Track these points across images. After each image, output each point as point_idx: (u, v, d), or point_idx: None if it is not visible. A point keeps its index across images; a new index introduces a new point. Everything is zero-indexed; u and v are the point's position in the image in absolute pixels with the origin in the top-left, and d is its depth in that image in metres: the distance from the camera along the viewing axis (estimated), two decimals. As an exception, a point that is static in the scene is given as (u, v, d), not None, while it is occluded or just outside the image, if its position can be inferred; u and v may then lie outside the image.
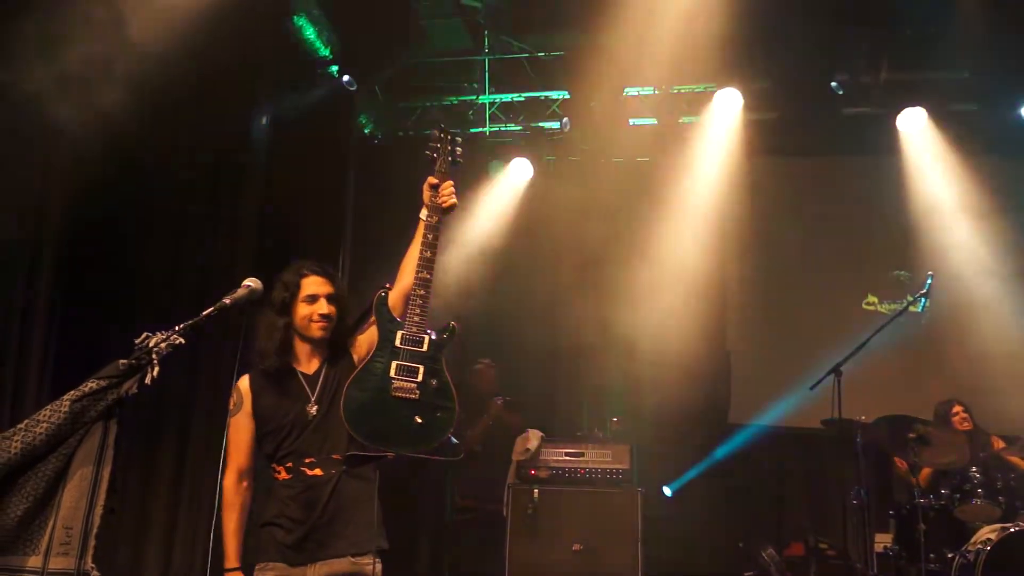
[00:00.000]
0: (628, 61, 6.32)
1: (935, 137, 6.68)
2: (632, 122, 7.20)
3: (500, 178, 7.41)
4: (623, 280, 7.14)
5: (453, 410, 2.70)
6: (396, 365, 2.68)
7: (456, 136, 2.98)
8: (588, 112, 6.92)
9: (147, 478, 5.18)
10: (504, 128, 7.41)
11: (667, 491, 6.64)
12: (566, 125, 7.01)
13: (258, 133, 6.07)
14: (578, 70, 6.56)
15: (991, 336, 6.29)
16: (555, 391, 7.24)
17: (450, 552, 6.19)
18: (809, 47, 6.17)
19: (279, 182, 5.99)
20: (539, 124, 7.33)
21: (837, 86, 6.36)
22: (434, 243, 2.81)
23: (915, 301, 5.03)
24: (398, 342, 2.71)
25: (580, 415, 7.14)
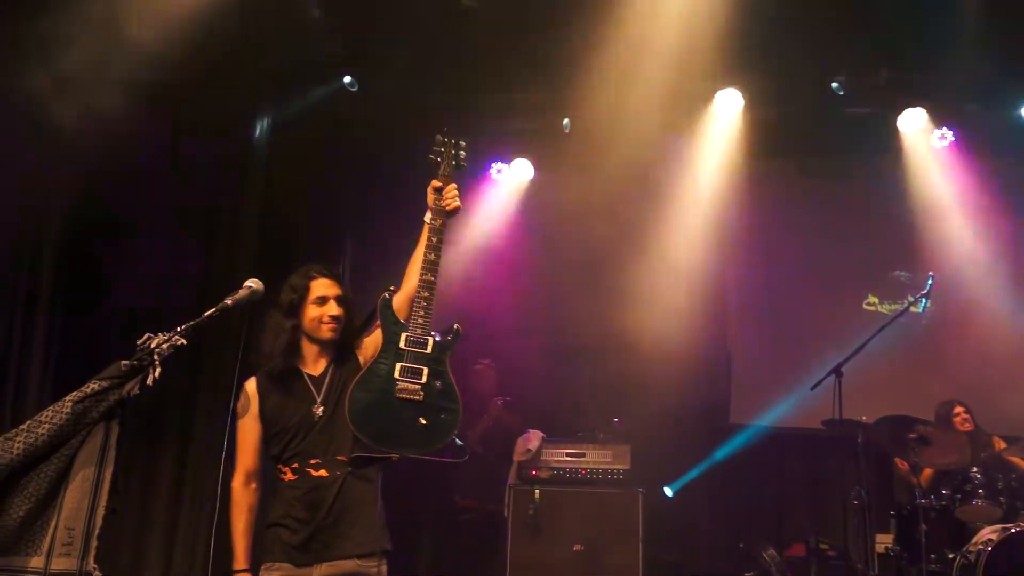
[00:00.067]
0: (629, 61, 6.32)
1: (936, 137, 6.69)
2: (633, 122, 7.19)
3: (501, 179, 7.41)
4: (624, 280, 7.15)
5: (457, 412, 2.71)
6: (400, 367, 2.70)
7: (460, 140, 3.01)
8: (589, 112, 6.92)
9: (148, 479, 5.19)
10: (504, 129, 7.40)
11: (668, 491, 6.63)
12: (567, 126, 7.01)
13: (259, 134, 6.08)
14: (579, 70, 6.55)
15: (992, 337, 6.29)
16: (556, 392, 7.24)
17: (451, 552, 6.19)
18: (810, 47, 6.16)
19: (280, 183, 5.99)
20: (540, 125, 7.33)
21: (838, 86, 6.35)
22: (438, 246, 2.84)
23: (916, 302, 5.04)
24: (402, 344, 2.73)
25: (581, 416, 7.14)
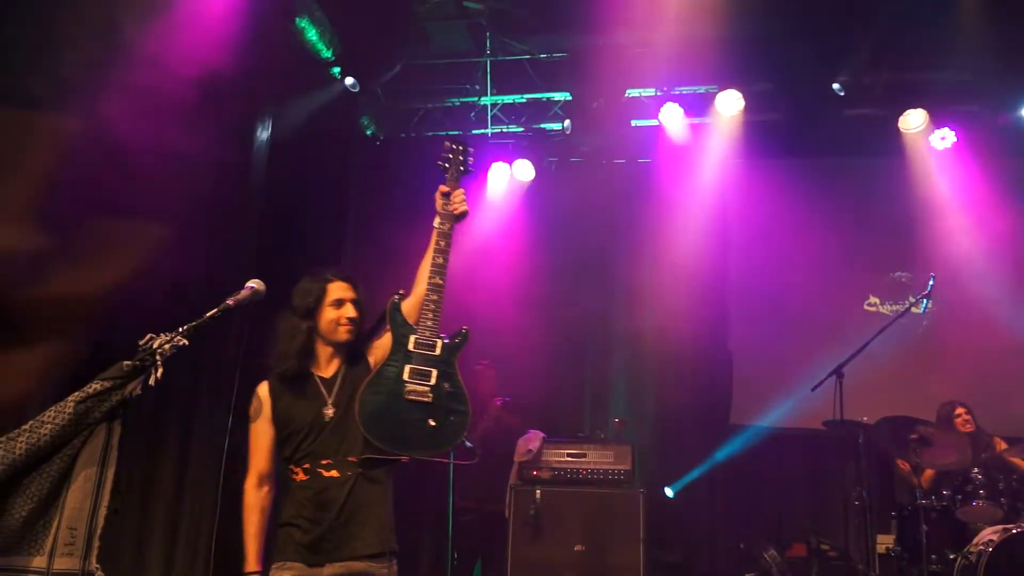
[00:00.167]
0: (629, 63, 6.33)
1: (936, 138, 6.69)
2: (634, 123, 7.21)
3: (502, 179, 7.42)
4: (624, 281, 7.17)
5: (466, 413, 2.73)
6: (409, 369, 2.72)
7: (467, 147, 3.07)
8: (590, 113, 6.93)
9: (149, 479, 5.18)
10: (506, 130, 7.42)
11: (669, 492, 6.63)
12: (568, 127, 7.02)
13: (260, 135, 6.08)
14: (580, 71, 6.56)
15: (993, 338, 6.29)
16: (557, 392, 7.24)
17: (452, 553, 6.19)
18: (810, 48, 6.17)
19: (281, 184, 6.00)
20: (541, 126, 7.34)
21: (838, 87, 6.36)
22: (446, 249, 2.88)
23: (917, 302, 5.05)
24: (411, 346, 2.76)
25: (582, 416, 7.14)
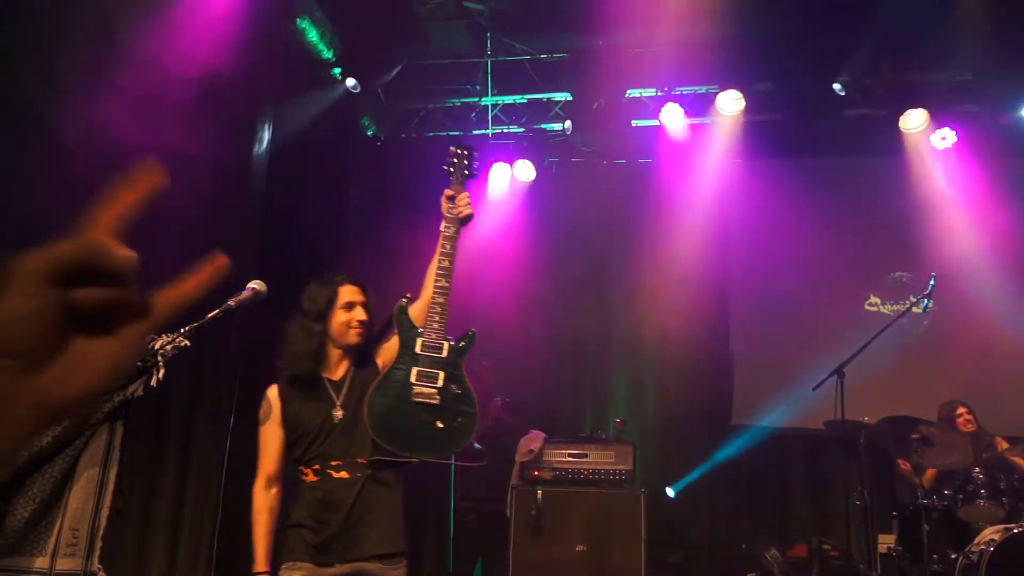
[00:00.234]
0: (630, 63, 6.33)
1: (937, 137, 6.69)
2: (634, 123, 7.21)
3: (503, 180, 7.43)
4: (625, 282, 7.17)
5: (474, 415, 2.74)
6: (416, 371, 2.73)
7: (472, 152, 3.08)
8: (590, 114, 6.93)
9: (151, 479, 5.18)
10: (506, 130, 7.42)
11: (670, 492, 6.63)
12: (568, 128, 7.02)
13: (261, 135, 6.08)
14: (580, 72, 6.56)
15: (994, 337, 6.29)
16: (558, 392, 7.25)
17: (454, 553, 6.20)
18: (811, 49, 6.17)
19: (282, 185, 6.00)
20: (541, 126, 7.34)
21: (839, 87, 6.36)
22: (452, 253, 2.89)
23: (918, 302, 5.04)
24: (418, 349, 2.77)
25: (583, 416, 7.14)
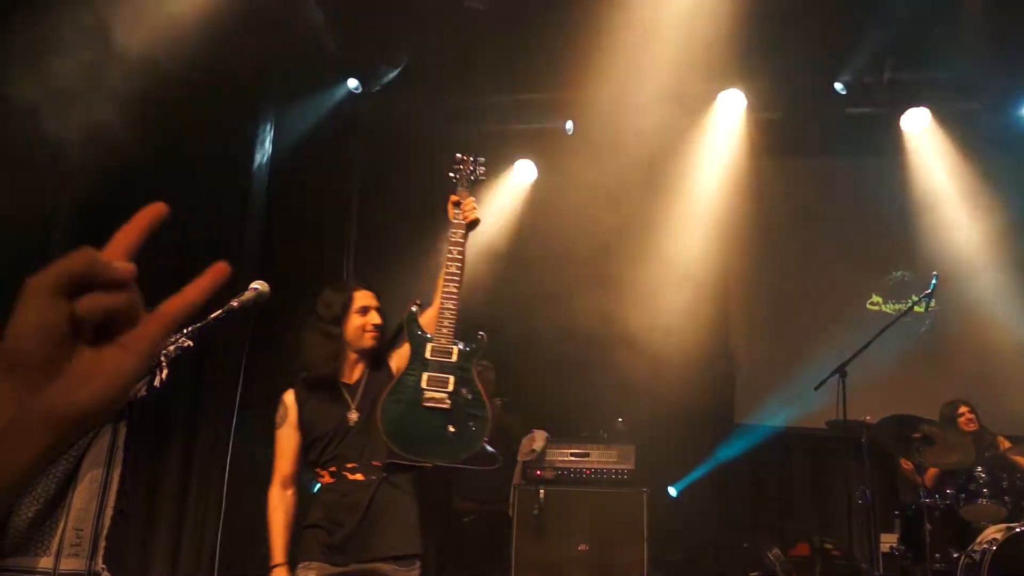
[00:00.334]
0: (632, 61, 6.33)
1: (938, 137, 6.69)
2: (636, 123, 7.19)
3: (504, 179, 7.43)
4: (626, 281, 7.15)
5: (485, 419, 2.75)
6: (427, 376, 2.75)
7: (478, 158, 3.10)
8: (592, 113, 6.93)
9: (154, 479, 5.20)
10: (508, 129, 7.41)
11: (672, 491, 6.63)
12: (570, 128, 7.01)
13: (262, 137, 6.09)
14: (582, 70, 6.56)
15: (996, 336, 6.28)
16: (559, 392, 7.24)
17: (455, 553, 6.20)
18: (812, 47, 6.17)
19: (283, 185, 6.01)
20: (543, 125, 7.33)
21: (841, 86, 6.35)
22: (459, 258, 2.90)
23: (920, 301, 5.04)
24: (428, 354, 2.79)
25: (585, 416, 7.14)
